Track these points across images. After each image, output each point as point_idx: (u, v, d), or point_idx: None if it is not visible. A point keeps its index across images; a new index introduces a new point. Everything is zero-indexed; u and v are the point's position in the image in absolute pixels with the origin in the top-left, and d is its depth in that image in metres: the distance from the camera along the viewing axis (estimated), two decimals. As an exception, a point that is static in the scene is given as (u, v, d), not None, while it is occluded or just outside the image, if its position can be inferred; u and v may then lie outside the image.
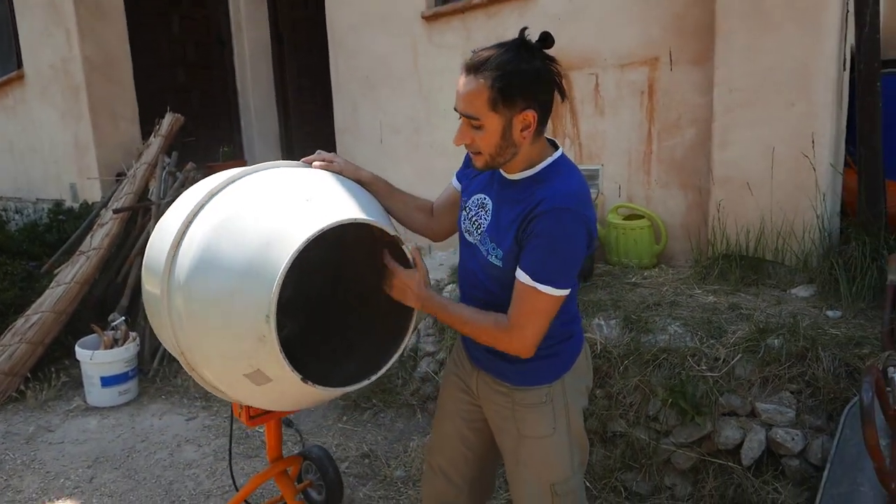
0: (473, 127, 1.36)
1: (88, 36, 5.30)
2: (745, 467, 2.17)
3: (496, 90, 1.29)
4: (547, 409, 1.52)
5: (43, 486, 2.77)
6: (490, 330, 1.42)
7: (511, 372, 1.53)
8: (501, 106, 1.31)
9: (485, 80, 1.30)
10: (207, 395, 3.60)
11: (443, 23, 4.23)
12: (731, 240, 3.03)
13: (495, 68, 1.29)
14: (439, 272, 3.47)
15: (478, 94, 1.31)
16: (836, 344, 2.24)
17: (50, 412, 3.51)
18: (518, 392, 1.53)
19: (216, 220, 1.48)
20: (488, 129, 1.34)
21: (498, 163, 1.40)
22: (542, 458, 1.54)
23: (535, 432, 1.53)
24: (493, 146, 1.36)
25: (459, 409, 1.70)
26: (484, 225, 1.47)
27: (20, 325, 3.83)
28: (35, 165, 6.68)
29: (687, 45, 3.21)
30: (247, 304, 1.38)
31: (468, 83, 1.33)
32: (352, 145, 5.05)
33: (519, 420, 1.54)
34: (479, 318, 1.44)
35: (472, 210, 1.52)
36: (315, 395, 1.56)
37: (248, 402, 1.69)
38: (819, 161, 2.77)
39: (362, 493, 2.61)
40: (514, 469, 1.59)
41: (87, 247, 4.25)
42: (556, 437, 1.53)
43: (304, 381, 1.43)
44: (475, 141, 1.37)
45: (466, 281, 1.58)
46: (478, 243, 1.48)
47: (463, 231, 1.56)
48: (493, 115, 1.32)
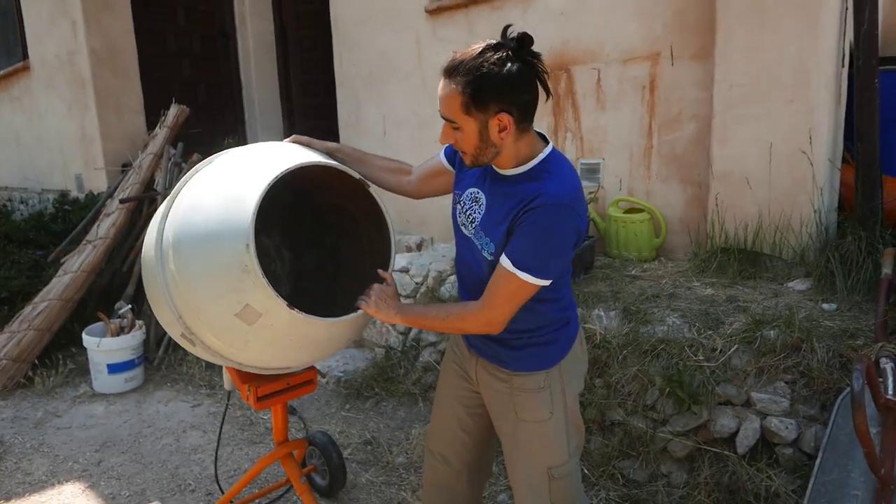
0: (453, 129, 1.40)
1: (95, 28, 5.34)
2: (740, 455, 2.21)
3: (467, 95, 1.32)
4: (545, 394, 1.56)
5: (52, 469, 2.83)
6: (461, 314, 1.49)
7: (509, 358, 1.57)
8: (474, 110, 1.34)
9: (457, 84, 1.33)
10: (212, 383, 3.66)
11: (446, 17, 4.26)
12: (729, 234, 3.07)
13: (465, 73, 1.31)
14: (441, 263, 3.51)
15: (452, 98, 1.35)
16: (830, 336, 2.28)
17: (57, 398, 3.57)
18: (517, 377, 1.56)
19: (200, 184, 1.63)
20: (465, 131, 1.38)
21: (482, 161, 1.44)
22: (540, 442, 1.58)
23: (533, 416, 1.56)
24: (473, 146, 1.40)
25: (458, 395, 1.74)
26: (478, 219, 1.50)
27: (28, 313, 3.89)
28: (41, 156, 6.73)
29: (688, 41, 3.24)
30: (228, 240, 1.48)
31: (444, 87, 1.36)
32: (355, 139, 5.09)
33: (517, 405, 1.57)
34: (452, 309, 1.52)
35: (467, 204, 1.55)
36: (307, 335, 1.60)
37: (249, 361, 1.71)
38: (817, 157, 2.81)
39: (364, 479, 2.67)
40: (513, 453, 1.63)
41: (93, 236, 4.29)
42: (553, 422, 1.57)
43: (291, 308, 1.50)
44: (457, 141, 1.42)
45: (464, 272, 1.62)
46: (472, 237, 1.52)
47: (458, 224, 1.59)
48: (468, 118, 1.36)
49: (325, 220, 2.21)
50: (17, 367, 3.69)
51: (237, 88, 6.45)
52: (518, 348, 1.56)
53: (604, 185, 3.68)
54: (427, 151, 4.49)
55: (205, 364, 3.82)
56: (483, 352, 1.62)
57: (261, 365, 1.74)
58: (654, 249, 3.43)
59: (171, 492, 2.63)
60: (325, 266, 2.26)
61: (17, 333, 3.78)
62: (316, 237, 2.30)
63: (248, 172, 1.59)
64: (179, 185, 1.71)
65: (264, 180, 1.53)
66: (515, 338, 1.55)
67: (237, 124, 6.48)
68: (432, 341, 3.34)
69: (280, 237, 2.36)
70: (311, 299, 2.00)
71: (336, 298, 1.93)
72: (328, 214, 2.17)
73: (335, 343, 1.73)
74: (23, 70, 6.59)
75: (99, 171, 5.57)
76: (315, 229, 2.28)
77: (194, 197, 1.62)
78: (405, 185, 1.81)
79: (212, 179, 1.64)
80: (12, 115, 7.18)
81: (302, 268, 2.36)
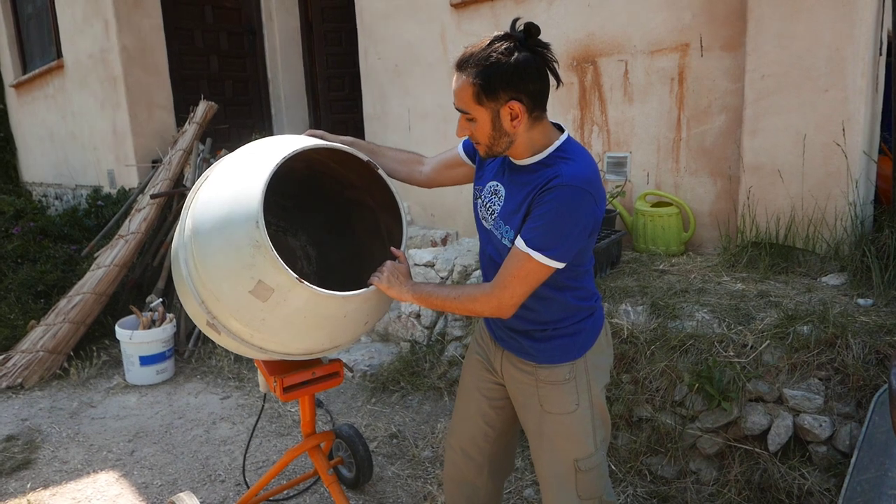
0: (468, 120, 1.44)
1: (126, 26, 5.44)
2: (772, 453, 2.18)
3: (478, 85, 1.36)
4: (570, 386, 1.56)
5: (87, 458, 2.90)
6: (473, 294, 1.49)
7: (535, 350, 1.57)
8: (485, 99, 1.37)
9: (468, 76, 1.37)
10: (241, 376, 3.71)
11: (472, 10, 4.24)
12: (760, 227, 3.01)
13: (475, 65, 1.35)
14: (467, 258, 3.51)
15: (464, 89, 1.39)
16: (866, 331, 2.22)
17: (92, 389, 3.66)
18: (542, 369, 1.57)
19: (218, 174, 1.70)
20: (479, 122, 1.41)
21: (496, 151, 1.46)
22: (566, 435, 1.58)
23: (558, 408, 1.57)
24: (487, 136, 1.43)
25: (482, 387, 1.74)
26: (497, 210, 1.52)
27: (63, 306, 3.99)
28: (74, 152, 6.88)
29: (718, 31, 3.18)
30: (240, 220, 1.55)
31: (457, 80, 1.41)
32: (380, 132, 5.10)
33: (542, 397, 1.58)
34: (464, 290, 1.52)
35: (487, 197, 1.57)
36: (321, 313, 1.63)
37: (270, 345, 1.74)
38: (852, 148, 2.74)
39: (390, 472, 2.68)
40: (539, 445, 1.63)
41: (125, 231, 4.38)
42: (578, 414, 1.56)
43: (300, 281, 1.54)
44: (472, 133, 1.45)
45: (486, 265, 1.62)
46: (492, 228, 1.53)
47: (479, 218, 1.61)
48: (480, 108, 1.39)
49: (348, 219, 2.23)
50: (54, 358, 3.79)
51: (264, 84, 6.51)
52: (543, 340, 1.56)
53: (631, 179, 3.64)
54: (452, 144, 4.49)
55: (233, 357, 3.88)
56: (508, 344, 1.63)
57: (281, 349, 1.76)
58: (682, 244, 3.38)
59: (202, 482, 2.68)
60: (350, 263, 2.28)
61: (52, 326, 3.88)
62: (340, 235, 2.32)
63: (259, 159, 1.65)
64: (202, 178, 1.77)
65: (272, 162, 1.60)
66: (540, 329, 1.55)
67: (264, 119, 6.55)
68: (458, 336, 3.34)
69: (306, 238, 2.40)
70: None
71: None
72: (350, 212, 2.19)
73: (352, 323, 1.74)
74: (57, 69, 6.74)
75: (130, 168, 5.67)
76: (339, 228, 2.30)
77: (212, 186, 1.68)
78: (416, 175, 1.83)
79: (228, 169, 1.71)
80: (47, 113, 7.35)
81: (328, 267, 2.38)
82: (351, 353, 3.75)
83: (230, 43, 6.32)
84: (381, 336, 3.96)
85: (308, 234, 2.41)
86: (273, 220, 2.32)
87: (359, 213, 2.16)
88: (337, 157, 1.80)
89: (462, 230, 4.52)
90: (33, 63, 7.67)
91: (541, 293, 1.49)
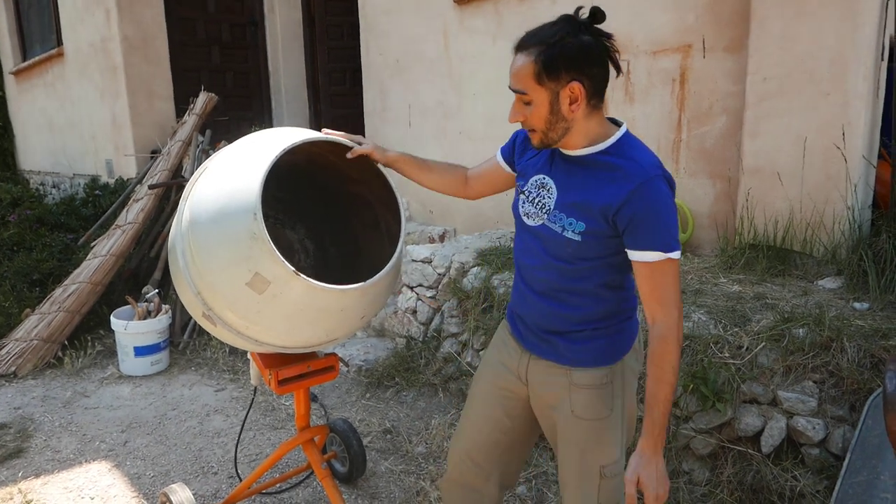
0: (524, 103, 1.38)
1: (127, 16, 5.42)
2: (765, 454, 2.18)
3: (540, 63, 1.32)
4: (606, 391, 1.50)
5: (80, 448, 2.90)
6: (665, 347, 1.36)
7: (570, 352, 1.51)
8: (546, 79, 1.33)
9: (529, 55, 1.33)
10: (235, 369, 3.70)
11: (474, 7, 4.23)
12: (758, 230, 3.01)
13: (539, 43, 1.33)
14: (464, 255, 3.50)
15: (524, 69, 1.34)
16: (861, 335, 2.22)
17: (85, 379, 3.65)
18: (576, 373, 1.50)
19: (217, 165, 1.69)
20: (536, 104, 1.36)
21: (552, 138, 1.41)
22: (596, 441, 1.51)
23: (592, 414, 1.50)
24: (544, 121, 1.38)
25: (498, 395, 1.66)
26: (549, 204, 1.45)
27: (58, 295, 3.98)
28: (73, 141, 6.86)
29: (721, 32, 3.17)
30: (238, 211, 1.54)
31: (517, 60, 1.36)
32: (380, 128, 5.09)
33: (575, 402, 1.51)
34: (657, 362, 1.36)
35: (533, 193, 1.50)
36: (316, 306, 1.62)
37: (265, 338, 1.73)
38: (852, 152, 2.74)
39: (384, 467, 2.68)
40: (566, 452, 1.55)
41: (122, 221, 4.37)
42: (610, 420, 1.51)
43: (297, 274, 1.53)
44: (527, 118, 1.40)
45: (530, 265, 1.54)
46: (545, 223, 1.46)
47: (521, 215, 1.53)
48: (540, 88, 1.34)
49: (347, 213, 2.23)
50: (48, 347, 3.78)
51: (265, 76, 6.50)
52: (580, 341, 1.49)
53: (630, 179, 3.63)
54: (452, 141, 4.52)
55: (228, 349, 3.87)
56: (539, 349, 1.55)
57: (277, 342, 1.75)
58: (680, 245, 3.37)
59: (195, 474, 2.68)
60: (348, 257, 2.28)
61: (47, 314, 3.87)
62: (339, 229, 2.32)
63: (258, 151, 1.64)
64: (201, 169, 1.77)
65: (272, 154, 1.59)
66: (579, 329, 1.49)
67: (264, 112, 6.54)
68: (454, 332, 3.34)
69: (305, 231, 2.39)
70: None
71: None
72: (349, 206, 2.19)
73: (349, 317, 1.74)
74: (57, 57, 6.72)
75: (129, 158, 5.66)
76: (338, 222, 2.30)
77: (211, 177, 1.68)
78: (461, 189, 1.80)
79: (227, 160, 1.70)
80: (46, 101, 7.33)
81: (327, 260, 2.38)
82: (346, 347, 3.75)
83: (232, 35, 6.30)
84: (377, 331, 3.95)
85: (306, 228, 2.40)
86: (271, 213, 2.32)
87: (357, 207, 2.15)
88: (336, 150, 1.80)
89: (460, 227, 4.52)
90: (33, 50, 7.64)
91: (596, 292, 1.46)
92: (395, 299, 3.82)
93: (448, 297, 3.43)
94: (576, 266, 1.44)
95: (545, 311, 1.52)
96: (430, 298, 3.55)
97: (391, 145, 2.06)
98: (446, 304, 3.43)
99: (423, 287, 3.60)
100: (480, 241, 3.73)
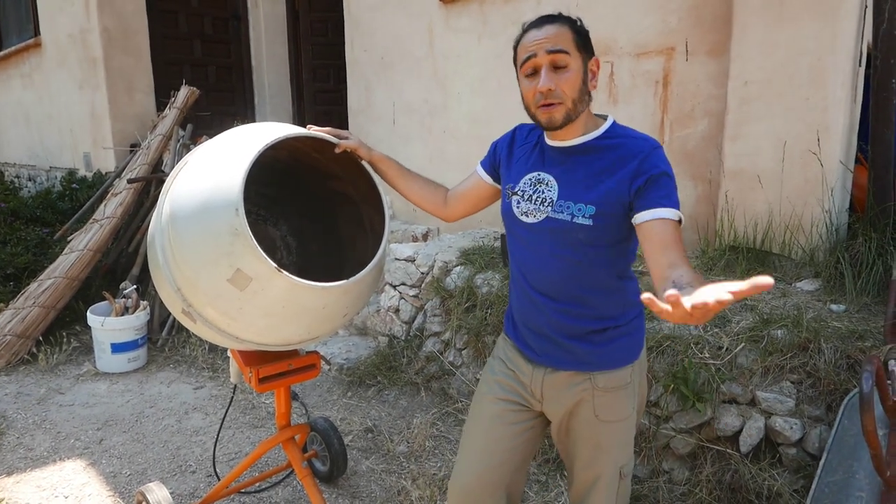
0: (556, 69, 1.37)
1: (107, 7, 5.33)
2: (743, 454, 2.20)
3: (577, 33, 1.38)
4: (630, 390, 1.48)
5: (54, 446, 2.84)
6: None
7: (593, 356, 1.46)
8: (583, 49, 1.39)
9: (563, 24, 1.38)
10: (215, 366, 3.66)
11: (460, 6, 4.22)
12: (738, 232, 3.04)
13: (567, 19, 1.40)
14: (448, 254, 3.50)
15: (565, 33, 1.37)
16: (838, 336, 2.26)
17: (60, 376, 3.58)
18: (601, 376, 1.46)
19: (199, 159, 1.67)
20: (573, 69, 1.37)
21: (577, 112, 1.40)
22: (620, 441, 1.50)
23: (616, 415, 1.47)
24: (577, 90, 1.38)
25: (504, 416, 1.56)
26: (551, 196, 1.43)
27: (33, 289, 3.90)
28: (50, 134, 6.73)
29: (704, 36, 3.20)
30: (219, 206, 1.52)
31: (550, 27, 1.38)
32: (365, 125, 5.07)
33: (599, 406, 1.46)
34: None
35: (529, 190, 1.47)
36: (299, 303, 1.60)
37: (245, 335, 1.70)
38: (830, 156, 2.78)
39: (365, 466, 2.67)
40: (594, 457, 1.50)
41: (100, 215, 4.30)
42: (631, 419, 1.50)
43: (279, 271, 1.52)
44: (559, 85, 1.36)
45: (537, 268, 1.48)
46: (550, 214, 1.42)
47: (518, 216, 1.48)
48: (578, 55, 1.38)
49: (331, 210, 2.21)
50: (22, 342, 3.70)
51: (248, 71, 6.44)
52: (602, 343, 1.45)
53: (613, 180, 3.65)
54: (437, 140, 4.51)
55: (208, 346, 3.83)
56: (557, 360, 1.49)
57: (258, 339, 1.73)
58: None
59: (172, 472, 2.64)
60: (331, 255, 2.26)
61: (21, 310, 3.80)
62: (322, 226, 2.30)
63: (241, 145, 1.62)
64: (181, 163, 1.74)
65: (255, 149, 1.57)
66: (601, 329, 1.45)
67: (247, 107, 6.47)
68: (436, 331, 3.34)
69: (287, 228, 2.37)
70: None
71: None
72: (333, 203, 2.17)
73: (330, 316, 1.72)
74: (34, 47, 6.58)
75: (107, 151, 5.57)
76: (321, 219, 2.28)
77: (192, 172, 1.65)
78: (441, 208, 1.76)
79: (209, 154, 1.67)
80: (22, 92, 7.18)
81: (310, 257, 2.36)
82: (328, 345, 3.73)
83: (214, 28, 6.23)
84: (359, 329, 3.93)
85: (289, 224, 2.38)
86: (253, 209, 2.29)
87: (341, 204, 2.13)
88: (320, 147, 1.78)
89: (443, 226, 4.51)
90: (9, 40, 7.47)
91: (608, 283, 1.44)
92: (378, 298, 3.81)
93: (431, 295, 3.42)
94: (585, 255, 1.41)
95: (560, 314, 1.46)
96: (413, 297, 3.54)
97: (375, 143, 2.06)
98: (429, 303, 3.42)
99: (405, 286, 3.59)
100: (464, 241, 3.73)
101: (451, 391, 3.10)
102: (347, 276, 1.67)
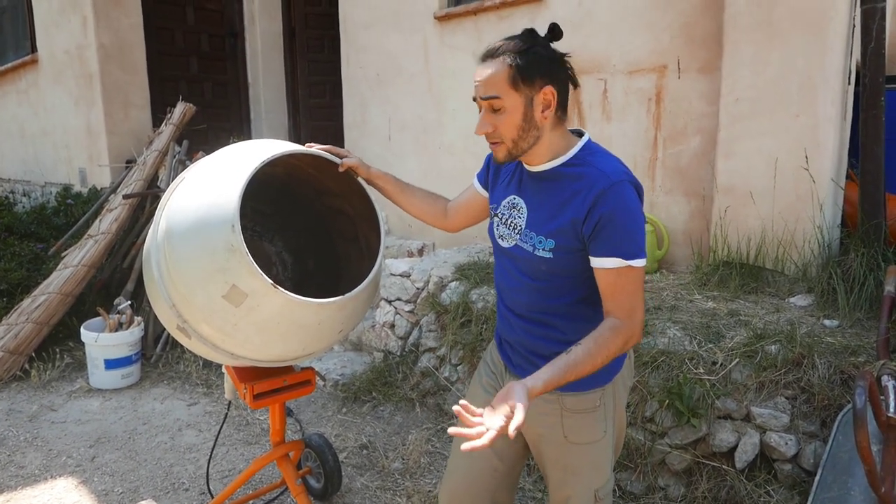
0: (494, 111, 1.35)
1: (104, 23, 5.36)
2: (739, 470, 2.20)
3: (515, 68, 1.31)
4: (599, 414, 1.47)
5: (45, 464, 2.81)
6: (612, 338, 1.30)
7: None
8: (521, 84, 1.32)
9: (501, 61, 1.33)
10: (209, 383, 3.64)
11: (455, 23, 4.27)
12: (732, 247, 3.07)
13: (512, 50, 1.33)
14: (443, 269, 3.50)
15: (498, 74, 1.33)
16: (831, 352, 2.27)
17: (53, 392, 3.55)
18: (568, 397, 1.45)
19: (195, 175, 1.68)
20: (510, 110, 1.34)
21: (521, 148, 1.38)
22: (591, 464, 1.49)
23: (586, 438, 1.48)
24: (516, 128, 1.35)
25: None
26: (521, 224, 1.45)
27: (27, 305, 3.88)
28: (45, 149, 6.73)
29: (695, 54, 3.25)
30: (215, 223, 1.53)
31: (486, 67, 1.35)
32: (360, 141, 5.09)
33: (567, 427, 1.47)
34: (599, 341, 1.30)
35: (505, 214, 1.50)
36: (294, 319, 1.61)
37: (241, 351, 1.70)
38: (821, 173, 2.81)
39: (360, 483, 2.65)
40: (562, 480, 1.52)
41: (95, 231, 4.29)
42: (603, 441, 1.49)
43: (275, 287, 1.52)
44: (497, 127, 1.36)
45: (508, 288, 1.52)
46: (518, 243, 1.45)
47: (496, 238, 1.52)
48: (515, 93, 1.33)
49: (326, 226, 2.22)
50: (14, 359, 3.68)
51: (244, 88, 6.47)
52: None
53: (607, 196, 3.67)
54: (431, 156, 4.53)
55: (202, 363, 3.81)
56: (528, 371, 1.42)
57: (253, 355, 1.73)
58: (656, 261, 3.42)
59: (165, 490, 2.62)
60: (327, 271, 2.27)
61: (14, 326, 3.77)
62: (317, 242, 2.31)
63: (237, 162, 1.63)
64: (178, 179, 1.75)
65: (251, 166, 1.58)
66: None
67: (243, 123, 6.50)
68: (431, 346, 3.33)
69: (283, 244, 2.38)
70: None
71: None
72: (328, 220, 2.18)
73: (326, 331, 1.72)
74: (30, 63, 6.61)
75: (103, 167, 5.57)
76: (316, 236, 2.29)
77: (188, 188, 1.66)
78: (441, 219, 1.78)
79: (205, 171, 1.68)
80: (18, 108, 7.19)
81: (305, 273, 2.36)
82: (323, 361, 3.71)
83: (211, 45, 6.27)
84: (354, 345, 3.93)
85: (284, 241, 2.39)
86: (249, 225, 2.30)
87: (337, 220, 2.14)
88: (317, 164, 1.79)
89: (439, 242, 4.52)
90: (6, 56, 7.50)
91: (572, 309, 1.43)
92: (373, 313, 3.80)
93: (426, 311, 3.42)
94: (551, 283, 1.42)
95: (528, 334, 1.49)
96: (409, 313, 3.54)
97: (371, 158, 2.07)
98: (424, 319, 3.42)
99: (401, 301, 3.59)
100: (459, 256, 3.74)
101: (447, 407, 3.09)
102: (343, 292, 1.67)
